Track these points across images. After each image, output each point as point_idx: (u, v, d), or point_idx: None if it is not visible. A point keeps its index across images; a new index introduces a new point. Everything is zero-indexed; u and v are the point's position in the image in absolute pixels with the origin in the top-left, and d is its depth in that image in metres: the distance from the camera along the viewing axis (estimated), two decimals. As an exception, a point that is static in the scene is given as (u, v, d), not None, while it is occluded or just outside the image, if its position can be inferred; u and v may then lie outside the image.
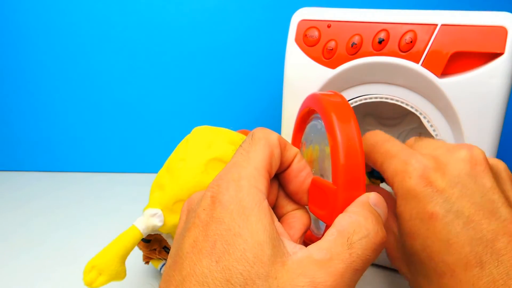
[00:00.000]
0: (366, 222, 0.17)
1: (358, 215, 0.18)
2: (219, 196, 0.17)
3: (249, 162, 0.19)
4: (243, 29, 0.57)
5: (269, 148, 0.20)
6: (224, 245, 0.16)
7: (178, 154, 0.38)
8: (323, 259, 0.16)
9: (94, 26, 0.57)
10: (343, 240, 0.17)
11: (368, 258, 0.17)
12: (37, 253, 0.42)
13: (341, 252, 0.16)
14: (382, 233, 0.18)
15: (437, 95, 0.32)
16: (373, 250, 0.17)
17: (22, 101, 0.60)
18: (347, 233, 0.17)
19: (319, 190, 0.22)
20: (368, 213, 0.18)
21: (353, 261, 0.16)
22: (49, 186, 0.58)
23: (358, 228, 0.17)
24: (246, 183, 0.18)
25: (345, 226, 0.17)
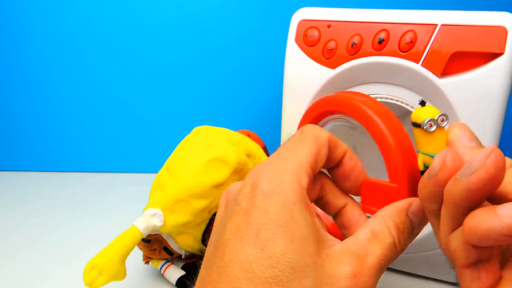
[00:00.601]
0: (394, 230, 0.19)
1: (390, 222, 0.19)
2: (261, 185, 0.18)
3: (294, 156, 0.19)
4: (243, 29, 0.57)
5: (317, 145, 0.20)
6: (269, 234, 0.16)
7: (178, 154, 0.38)
8: (360, 254, 0.18)
9: (95, 26, 0.57)
10: (376, 241, 0.18)
11: (390, 259, 0.18)
12: (37, 253, 0.42)
13: (374, 251, 0.18)
14: (403, 243, 0.19)
15: (437, 95, 0.32)
16: (393, 255, 0.18)
17: (22, 101, 0.60)
18: (380, 235, 0.18)
19: (375, 189, 0.23)
20: (400, 221, 0.19)
21: (382, 260, 0.18)
22: (49, 186, 0.58)
23: (388, 234, 0.19)
24: (290, 177, 0.18)
25: (378, 230, 0.19)
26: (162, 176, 0.38)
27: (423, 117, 0.19)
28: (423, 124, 0.19)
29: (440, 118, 0.19)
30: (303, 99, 0.37)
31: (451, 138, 0.19)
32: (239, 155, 0.37)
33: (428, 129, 0.19)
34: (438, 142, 0.19)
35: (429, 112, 0.19)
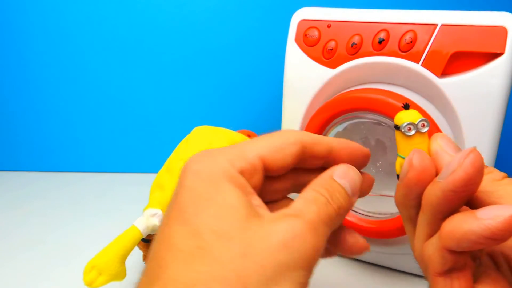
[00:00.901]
0: (324, 191, 0.19)
1: (318, 187, 0.19)
2: (191, 165, 0.18)
3: (242, 146, 0.19)
4: (243, 29, 0.57)
5: (280, 140, 0.20)
6: (194, 209, 0.16)
7: (178, 154, 0.38)
8: (296, 213, 0.17)
9: (94, 26, 0.57)
10: (309, 203, 0.18)
11: (331, 216, 0.18)
12: (37, 253, 0.42)
13: (310, 208, 0.17)
14: (340, 201, 0.19)
15: (437, 95, 0.32)
16: (333, 211, 0.18)
17: (22, 101, 0.60)
18: (312, 198, 0.18)
19: None
20: (328, 185, 0.19)
21: (321, 214, 0.17)
22: (49, 186, 0.58)
23: (319, 195, 0.18)
24: (221, 158, 0.18)
25: (309, 195, 0.18)
26: (162, 176, 0.38)
27: (403, 120, 0.19)
28: (402, 127, 0.19)
29: (421, 123, 0.19)
30: (303, 99, 0.37)
31: (435, 148, 0.19)
32: (239, 155, 0.37)
33: (406, 132, 0.19)
34: (417, 147, 0.19)
35: (411, 116, 0.19)
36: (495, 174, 0.18)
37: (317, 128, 0.35)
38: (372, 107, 0.32)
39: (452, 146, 0.19)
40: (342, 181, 0.19)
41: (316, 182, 0.19)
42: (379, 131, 0.35)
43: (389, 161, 0.36)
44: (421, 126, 0.19)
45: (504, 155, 0.56)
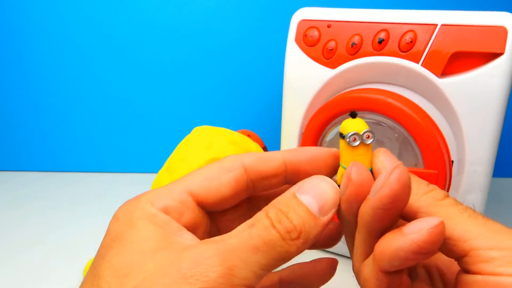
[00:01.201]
0: (273, 212, 0.17)
1: (270, 207, 0.17)
2: (116, 212, 0.18)
3: (174, 184, 0.19)
4: (243, 29, 0.57)
5: (214, 170, 0.19)
6: (103, 251, 0.16)
7: (178, 154, 0.38)
8: (223, 238, 0.16)
9: (94, 26, 0.57)
10: (244, 226, 0.17)
11: (268, 242, 0.16)
12: (37, 253, 0.42)
13: (242, 232, 0.16)
14: (293, 224, 0.16)
15: (437, 95, 0.32)
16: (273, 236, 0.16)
17: (22, 101, 0.60)
18: (253, 220, 0.17)
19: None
20: (284, 204, 0.17)
21: (252, 239, 0.16)
22: (49, 186, 0.58)
23: (264, 217, 0.17)
24: (145, 200, 0.18)
25: (256, 216, 0.17)
26: (162, 176, 0.38)
27: (348, 129, 0.18)
28: (347, 136, 0.18)
29: (366, 134, 0.18)
30: (303, 99, 0.37)
31: (378, 166, 0.18)
32: (239, 155, 0.37)
33: (351, 142, 0.18)
34: (361, 159, 0.18)
35: (356, 125, 0.18)
36: (437, 193, 0.17)
37: (317, 128, 0.35)
38: (372, 107, 0.32)
39: (394, 162, 0.18)
40: (304, 198, 0.17)
41: (274, 201, 0.17)
42: (379, 131, 0.35)
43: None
44: (366, 137, 0.18)
45: (504, 155, 0.56)
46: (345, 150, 0.19)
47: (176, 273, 0.15)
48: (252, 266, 0.15)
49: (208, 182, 0.18)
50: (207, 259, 0.15)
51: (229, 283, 0.15)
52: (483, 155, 0.31)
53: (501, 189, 0.56)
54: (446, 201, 0.17)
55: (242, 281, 0.15)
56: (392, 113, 0.31)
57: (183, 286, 0.14)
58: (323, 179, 0.18)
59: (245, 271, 0.15)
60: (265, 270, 0.16)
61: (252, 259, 0.15)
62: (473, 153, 0.32)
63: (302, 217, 0.16)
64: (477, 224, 0.16)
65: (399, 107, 0.30)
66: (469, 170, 0.32)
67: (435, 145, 0.29)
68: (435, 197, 0.17)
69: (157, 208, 0.17)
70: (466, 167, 0.32)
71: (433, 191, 0.17)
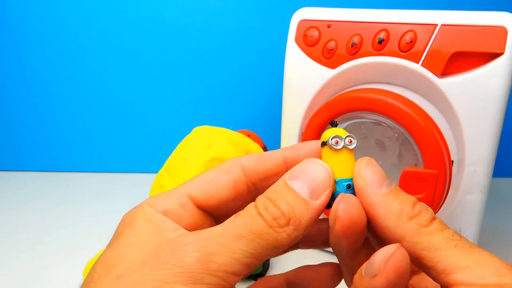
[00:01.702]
0: (261, 202, 0.17)
1: (258, 200, 0.17)
2: (123, 216, 0.19)
3: (176, 188, 0.19)
4: (243, 29, 0.57)
5: (213, 173, 0.19)
6: (107, 249, 0.17)
7: (178, 154, 0.38)
8: (212, 228, 0.16)
9: (94, 26, 0.57)
10: (235, 216, 0.17)
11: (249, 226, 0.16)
12: (36, 253, 0.42)
13: (228, 221, 0.16)
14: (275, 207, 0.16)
15: (437, 95, 0.32)
16: (255, 222, 0.16)
17: (22, 101, 0.60)
18: (243, 212, 0.17)
19: (414, 177, 0.28)
20: (269, 195, 0.17)
21: (237, 227, 0.16)
22: (49, 186, 0.58)
23: (251, 207, 0.17)
24: (146, 204, 0.18)
25: (243, 210, 0.17)
26: (162, 176, 0.38)
27: (330, 134, 0.18)
28: (329, 140, 0.18)
29: (348, 139, 0.18)
30: (303, 99, 0.37)
31: (360, 185, 0.17)
32: (239, 155, 0.37)
33: (333, 145, 0.18)
34: (344, 165, 0.18)
35: (337, 131, 0.18)
36: (422, 218, 0.16)
37: (317, 128, 0.35)
38: (372, 107, 0.32)
39: (378, 178, 0.17)
40: (294, 183, 0.17)
41: (266, 190, 0.17)
42: (379, 131, 0.35)
43: (389, 161, 0.36)
44: (348, 142, 0.18)
45: (504, 155, 0.56)
46: (328, 157, 0.18)
47: (154, 260, 0.15)
48: (235, 253, 0.15)
49: (207, 185, 0.19)
50: (185, 245, 0.15)
51: (206, 268, 0.15)
52: (483, 155, 0.31)
53: (501, 189, 0.56)
54: (432, 228, 0.16)
55: (222, 267, 0.15)
56: (392, 113, 0.31)
57: (160, 271, 0.15)
58: (313, 161, 0.18)
59: (226, 258, 0.15)
60: (253, 258, 0.16)
61: (235, 246, 0.15)
62: (473, 153, 0.32)
63: (291, 203, 0.16)
64: (462, 255, 0.15)
65: (399, 107, 0.30)
66: (469, 170, 0.32)
67: (435, 145, 0.30)
68: (420, 223, 0.16)
69: (157, 211, 0.18)
70: (466, 167, 0.32)
71: (417, 216, 0.16)
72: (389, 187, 0.17)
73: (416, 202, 0.17)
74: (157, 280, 0.14)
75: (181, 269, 0.15)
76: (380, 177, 0.17)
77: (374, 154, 0.37)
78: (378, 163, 0.18)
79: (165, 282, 0.14)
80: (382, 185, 0.17)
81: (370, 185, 0.17)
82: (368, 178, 0.17)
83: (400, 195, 0.17)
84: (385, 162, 0.36)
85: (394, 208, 0.16)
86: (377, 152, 0.37)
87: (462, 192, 0.33)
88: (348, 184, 0.18)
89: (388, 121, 0.32)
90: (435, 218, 0.17)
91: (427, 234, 0.16)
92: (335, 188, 0.18)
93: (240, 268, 0.15)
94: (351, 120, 0.35)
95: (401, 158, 0.35)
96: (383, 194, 0.17)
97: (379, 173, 0.17)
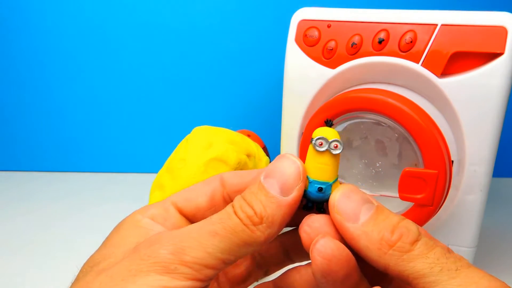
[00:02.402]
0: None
1: (235, 200, 0.18)
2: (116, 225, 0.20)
3: (169, 197, 0.21)
4: (243, 29, 0.57)
5: (198, 184, 0.21)
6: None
7: (178, 154, 0.38)
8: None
9: (94, 26, 0.57)
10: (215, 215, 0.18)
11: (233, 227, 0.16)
12: (36, 253, 0.42)
13: (206, 219, 0.17)
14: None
15: (437, 95, 0.32)
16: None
17: (21, 101, 0.60)
18: (222, 211, 0.18)
19: (413, 177, 0.29)
20: (245, 195, 0.18)
21: (211, 223, 0.17)
22: (49, 186, 0.58)
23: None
24: (137, 211, 0.20)
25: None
26: (162, 176, 0.38)
27: (317, 134, 0.18)
28: (313, 140, 0.18)
29: (334, 143, 0.17)
30: (303, 99, 0.37)
31: (337, 221, 0.17)
32: (239, 155, 0.38)
33: (316, 146, 0.17)
34: (323, 168, 0.18)
35: (326, 132, 0.18)
36: (403, 244, 0.16)
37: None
38: (372, 107, 0.32)
39: (353, 209, 0.17)
40: (267, 181, 0.17)
41: (245, 190, 0.18)
42: (379, 131, 0.35)
43: (389, 161, 0.36)
44: (333, 146, 0.17)
45: (504, 155, 0.56)
46: (310, 157, 0.18)
47: (133, 253, 0.16)
48: (208, 248, 0.16)
49: (188, 193, 0.20)
50: (160, 240, 0.16)
51: (179, 259, 0.16)
52: (483, 155, 0.31)
53: (501, 189, 0.56)
54: (415, 252, 0.15)
55: (194, 259, 0.16)
56: (392, 113, 0.31)
57: (136, 261, 0.16)
58: (283, 157, 0.18)
59: (199, 251, 0.16)
60: (227, 254, 0.16)
61: (208, 241, 0.16)
62: (473, 153, 0.32)
63: (263, 201, 0.17)
64: (448, 279, 0.15)
65: (399, 107, 0.30)
66: (469, 170, 0.32)
67: (435, 145, 0.30)
68: (402, 249, 0.16)
69: (145, 216, 0.19)
70: (466, 167, 0.32)
71: (398, 242, 0.16)
72: (369, 212, 0.17)
73: (398, 223, 0.16)
74: (134, 269, 0.15)
75: (156, 259, 0.15)
76: (355, 207, 0.17)
77: (374, 154, 0.37)
78: (378, 163, 0.18)
79: (141, 271, 0.15)
80: (358, 216, 0.17)
81: (346, 219, 0.17)
82: (343, 211, 0.17)
83: (379, 220, 0.16)
84: (385, 162, 0.36)
85: (374, 239, 0.16)
86: (377, 152, 0.37)
87: (462, 192, 0.33)
88: (319, 187, 0.18)
89: (388, 121, 0.32)
90: (418, 239, 0.16)
91: (410, 260, 0.15)
92: (307, 187, 0.18)
93: (214, 262, 0.16)
94: (351, 120, 0.35)
95: (401, 158, 0.35)
96: (360, 226, 0.16)
97: (354, 201, 0.17)
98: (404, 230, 0.16)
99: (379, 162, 0.37)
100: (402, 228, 0.16)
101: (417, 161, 0.32)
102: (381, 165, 0.37)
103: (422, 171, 0.29)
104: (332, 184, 0.18)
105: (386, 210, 0.17)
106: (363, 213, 0.17)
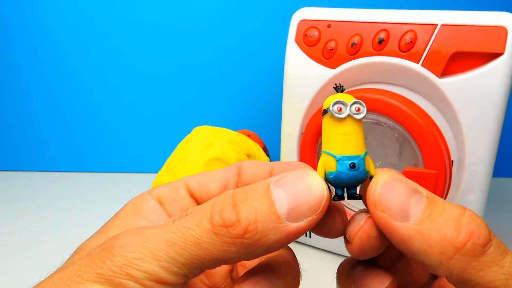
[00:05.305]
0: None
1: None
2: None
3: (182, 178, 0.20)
4: (243, 29, 0.57)
5: (212, 171, 0.20)
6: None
7: (178, 154, 0.38)
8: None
9: (94, 26, 0.57)
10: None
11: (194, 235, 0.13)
12: (36, 253, 0.42)
13: (170, 221, 0.15)
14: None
15: (437, 95, 0.32)
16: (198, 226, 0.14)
17: (22, 101, 0.60)
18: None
19: (414, 178, 0.28)
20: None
21: (171, 230, 0.14)
22: (49, 186, 0.58)
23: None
24: (146, 191, 0.19)
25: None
26: (162, 176, 0.38)
27: (332, 100, 0.14)
28: (330, 107, 0.14)
29: (355, 106, 0.14)
30: (303, 99, 0.37)
31: (382, 220, 0.14)
32: (239, 155, 0.38)
33: (335, 113, 0.14)
34: (349, 138, 0.14)
35: (342, 96, 0.15)
36: (473, 245, 0.12)
37: (317, 128, 0.35)
38: (372, 107, 0.32)
39: (401, 203, 0.13)
40: (277, 191, 0.14)
41: (245, 186, 0.16)
42: (379, 131, 0.35)
43: (389, 161, 0.36)
44: (355, 109, 0.14)
45: (504, 155, 0.56)
46: (329, 129, 0.15)
47: (88, 257, 0.15)
48: (162, 262, 0.13)
49: (203, 177, 0.19)
50: (113, 247, 0.14)
51: (125, 274, 0.13)
52: (483, 155, 0.31)
53: (501, 189, 0.56)
54: (487, 258, 0.12)
55: (143, 275, 0.13)
56: (392, 113, 0.31)
57: (86, 268, 0.14)
58: (311, 174, 0.14)
59: (150, 265, 0.13)
60: (187, 268, 0.13)
61: (163, 253, 0.13)
62: (473, 153, 0.32)
63: (260, 212, 0.13)
64: None
65: (399, 107, 0.30)
66: (469, 170, 0.32)
67: (435, 145, 0.30)
68: (473, 253, 0.12)
69: (152, 196, 0.19)
70: (466, 167, 0.32)
71: (467, 243, 0.12)
72: (419, 205, 0.13)
73: (461, 216, 0.13)
74: (81, 277, 0.14)
75: (103, 270, 0.13)
76: (403, 201, 0.13)
77: (374, 154, 0.37)
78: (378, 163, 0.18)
79: (87, 280, 0.13)
80: (408, 212, 0.13)
81: (393, 216, 0.13)
82: (388, 208, 0.13)
83: (435, 215, 0.13)
84: (385, 162, 0.36)
85: (433, 240, 0.12)
86: (377, 152, 0.37)
87: (462, 192, 0.33)
88: (352, 162, 0.14)
89: (388, 121, 0.32)
90: (490, 239, 0.12)
91: (481, 268, 0.12)
92: (335, 168, 0.14)
93: (169, 278, 0.13)
94: None
95: (401, 158, 0.35)
96: (413, 225, 0.13)
97: (401, 194, 0.13)
98: (473, 227, 0.12)
99: (379, 162, 0.37)
100: (470, 224, 0.12)
101: (417, 161, 0.32)
102: (381, 165, 0.37)
103: (422, 171, 0.29)
104: (364, 157, 0.14)
105: (439, 200, 0.13)
106: (412, 207, 0.13)
